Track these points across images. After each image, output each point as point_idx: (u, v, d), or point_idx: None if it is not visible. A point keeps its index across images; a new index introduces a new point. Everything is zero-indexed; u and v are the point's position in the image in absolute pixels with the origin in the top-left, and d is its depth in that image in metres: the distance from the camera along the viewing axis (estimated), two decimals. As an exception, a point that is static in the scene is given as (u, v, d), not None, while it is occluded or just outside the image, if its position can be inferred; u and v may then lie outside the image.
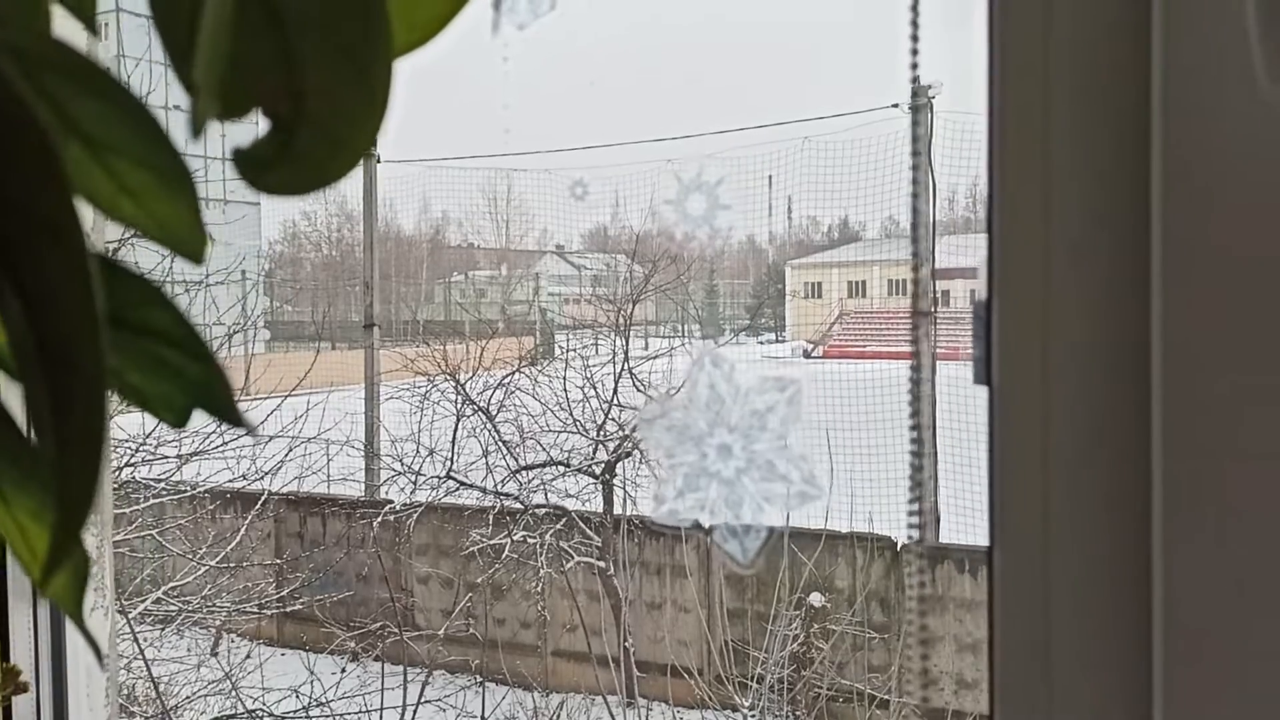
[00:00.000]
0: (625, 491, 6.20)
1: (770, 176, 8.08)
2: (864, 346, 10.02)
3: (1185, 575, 0.71)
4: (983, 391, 0.78)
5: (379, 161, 7.91)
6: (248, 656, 5.59)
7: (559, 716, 5.96)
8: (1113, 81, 0.71)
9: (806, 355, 10.44)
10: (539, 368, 6.79)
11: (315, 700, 5.28)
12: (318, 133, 0.42)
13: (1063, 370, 0.73)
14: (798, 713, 5.62)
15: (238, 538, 5.66)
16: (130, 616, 4.95)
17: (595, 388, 6.12)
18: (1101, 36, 0.71)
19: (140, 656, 4.83)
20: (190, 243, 0.44)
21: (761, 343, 10.60)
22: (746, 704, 5.61)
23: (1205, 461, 0.71)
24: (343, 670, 6.06)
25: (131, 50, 6.67)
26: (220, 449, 5.37)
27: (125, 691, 4.91)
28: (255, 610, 5.77)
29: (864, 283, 11.20)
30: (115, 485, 5.24)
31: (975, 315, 0.79)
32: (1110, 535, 0.74)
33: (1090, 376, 0.73)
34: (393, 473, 6.84)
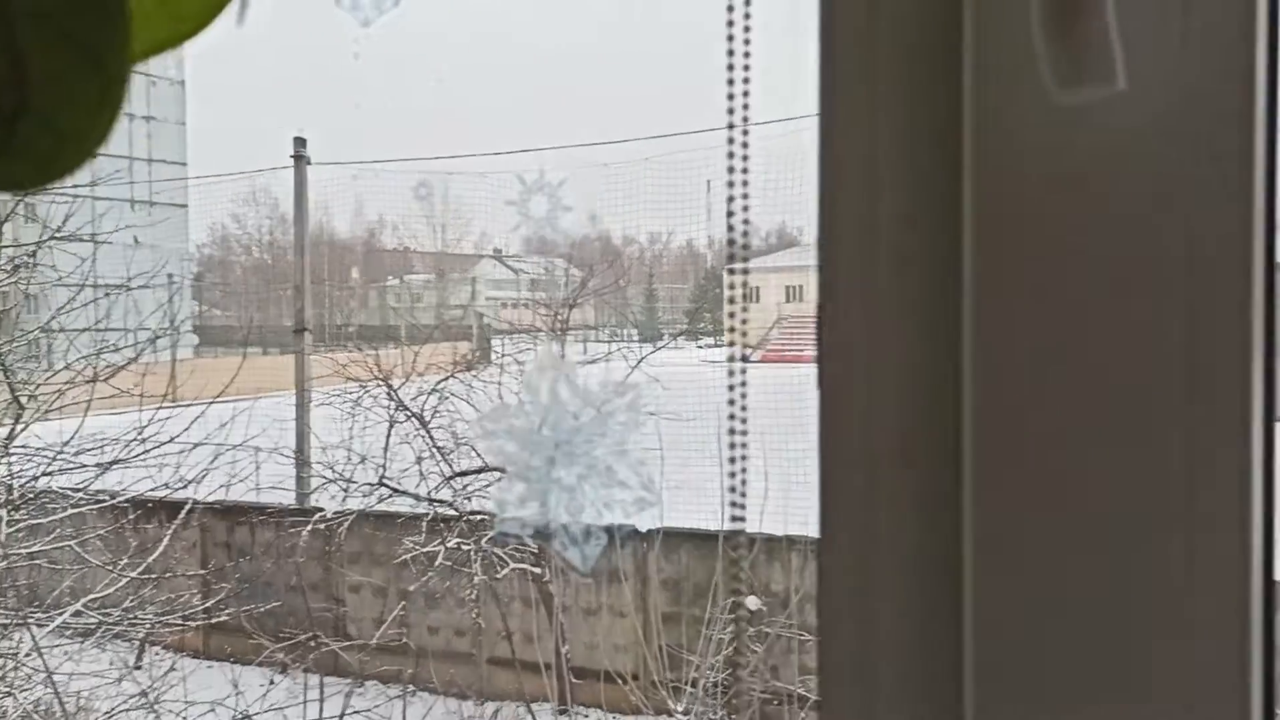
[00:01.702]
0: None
1: (709, 181, 8.09)
2: (801, 351, 10.08)
3: (992, 570, 0.74)
4: None
5: (309, 163, 7.78)
6: (171, 669, 5.45)
7: (493, 725, 5.89)
8: (931, 89, 0.73)
9: (744, 360, 10.47)
10: (474, 373, 6.73)
11: (242, 713, 5.16)
12: (43, 125, 0.40)
13: (885, 374, 0.77)
14: (732, 716, 5.62)
15: (160, 547, 5.51)
16: (41, 631, 4.80)
17: (531, 393, 6.06)
18: (921, 44, 0.74)
19: (46, 671, 4.68)
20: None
21: (700, 346, 10.62)
22: (680, 708, 5.60)
23: (1013, 462, 0.73)
24: (271, 682, 5.94)
25: None
26: (142, 457, 5.24)
27: (43, 708, 4.75)
28: (180, 622, 5.63)
29: (801, 287, 11.28)
30: (32, 495, 5.09)
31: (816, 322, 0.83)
32: (928, 533, 0.76)
33: (911, 380, 0.77)
34: (324, 480, 6.73)
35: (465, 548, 6.05)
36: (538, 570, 6.15)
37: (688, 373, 6.85)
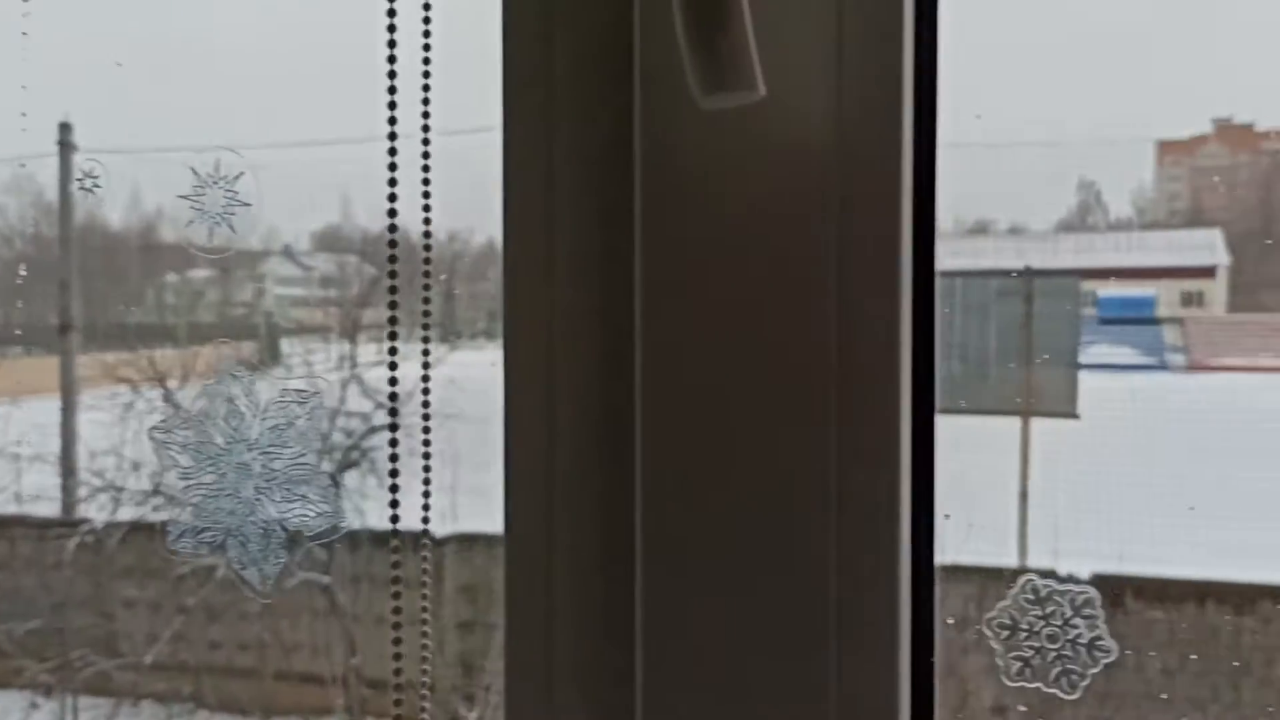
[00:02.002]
0: (352, 503, 6.00)
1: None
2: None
3: (658, 567, 0.79)
4: None
5: (76, 150, 7.29)
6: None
7: (280, 742, 5.68)
8: (606, 94, 0.78)
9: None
10: (260, 374, 6.46)
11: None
12: None
13: (565, 375, 0.82)
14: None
15: (-96, 565, 5.04)
16: None
17: (321, 395, 5.89)
18: (596, 48, 0.78)
19: None
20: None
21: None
22: (474, 715, 5.56)
23: (678, 459, 0.78)
24: (33, 705, 5.54)
25: None
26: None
27: None
28: (-73, 645, 5.17)
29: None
30: None
31: None
32: (607, 531, 0.81)
33: (591, 380, 0.81)
34: (92, 489, 6.32)
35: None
36: (326, 579, 5.97)
37: (489, 374, 6.78)
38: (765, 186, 0.75)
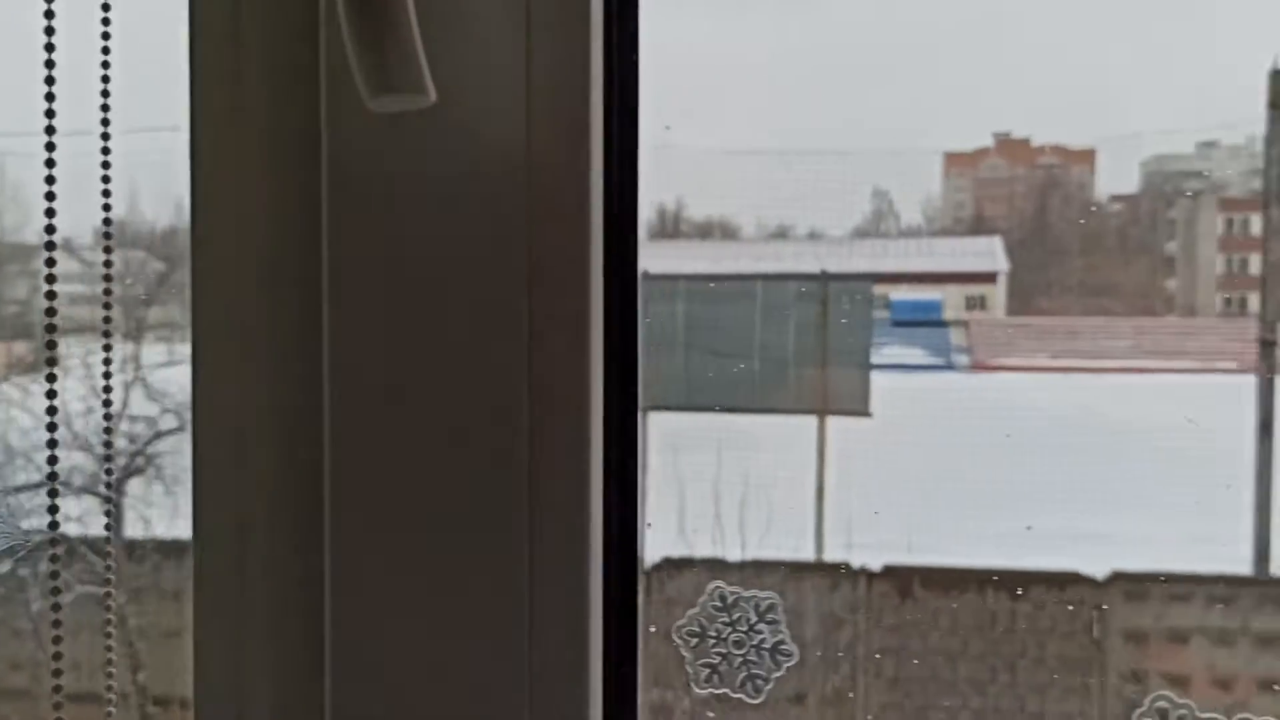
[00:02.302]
0: (137, 512, 5.70)
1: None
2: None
3: (348, 573, 0.79)
4: None
5: None
6: None
7: (58, 766, 5.33)
8: (294, 93, 0.79)
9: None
10: (32, 376, 6.06)
11: None
12: None
13: (256, 385, 0.82)
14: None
15: None
16: None
17: (102, 398, 5.57)
18: (283, 46, 0.79)
19: None
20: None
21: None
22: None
23: (367, 466, 0.79)
24: None
25: None
26: None
27: None
28: None
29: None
30: None
31: None
32: (299, 535, 0.82)
33: (281, 391, 0.82)
34: None
35: (22, 573, 5.43)
36: (109, 592, 5.63)
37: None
38: (453, 190, 0.76)
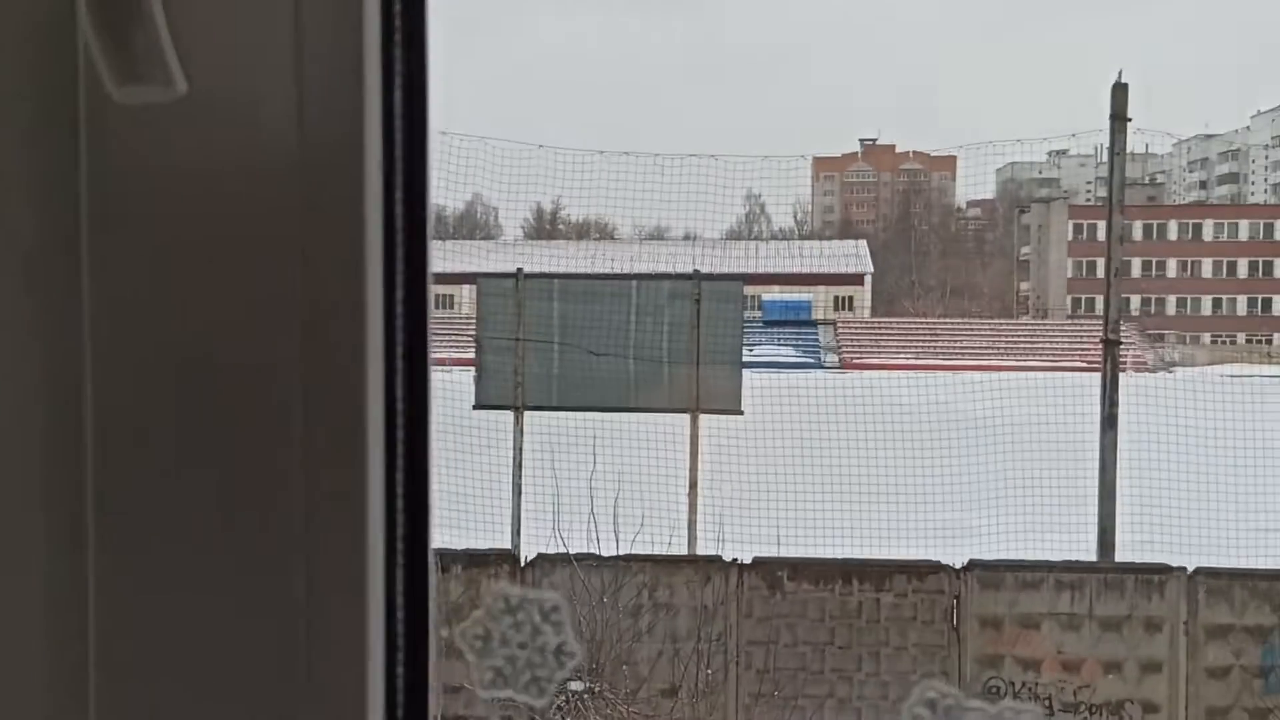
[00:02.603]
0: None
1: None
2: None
3: (113, 571, 0.74)
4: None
5: None
6: None
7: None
8: (54, 81, 0.74)
9: None
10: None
11: None
12: None
13: (13, 390, 0.75)
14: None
15: None
16: None
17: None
18: (40, 35, 0.74)
19: None
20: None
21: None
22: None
23: (134, 463, 0.74)
24: None
25: None
26: None
27: None
28: None
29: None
30: None
31: None
32: (54, 533, 0.75)
33: (44, 384, 0.75)
34: None
35: None
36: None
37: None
38: (221, 184, 0.72)
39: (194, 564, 0.73)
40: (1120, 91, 8.92)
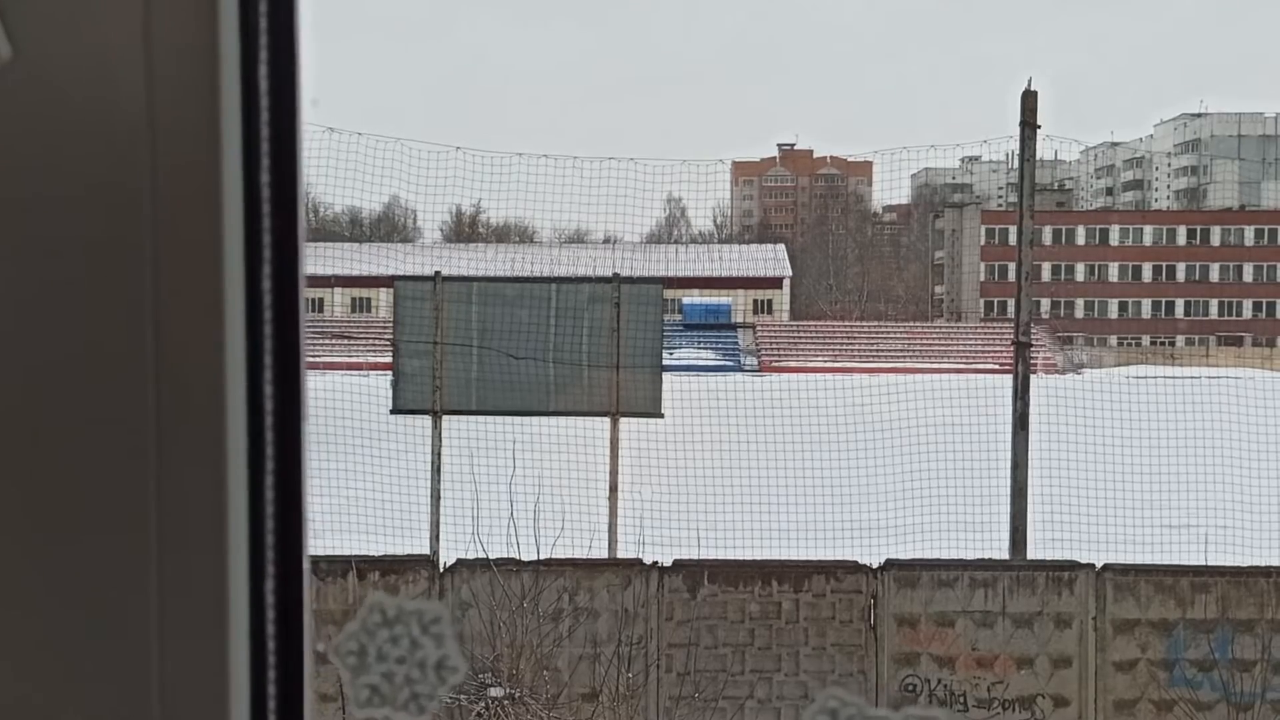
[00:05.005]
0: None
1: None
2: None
3: None
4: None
5: None
6: None
7: None
8: None
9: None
10: None
11: None
12: None
13: None
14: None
15: None
16: None
17: None
18: None
19: None
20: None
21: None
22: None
23: None
24: None
25: None
26: None
27: None
28: None
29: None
30: None
31: None
32: None
33: None
34: None
35: None
36: None
37: None
38: (56, 166, 0.66)
39: (30, 578, 0.68)
40: (1030, 98, 9.13)
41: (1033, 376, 9.14)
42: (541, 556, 7.64)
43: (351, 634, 0.68)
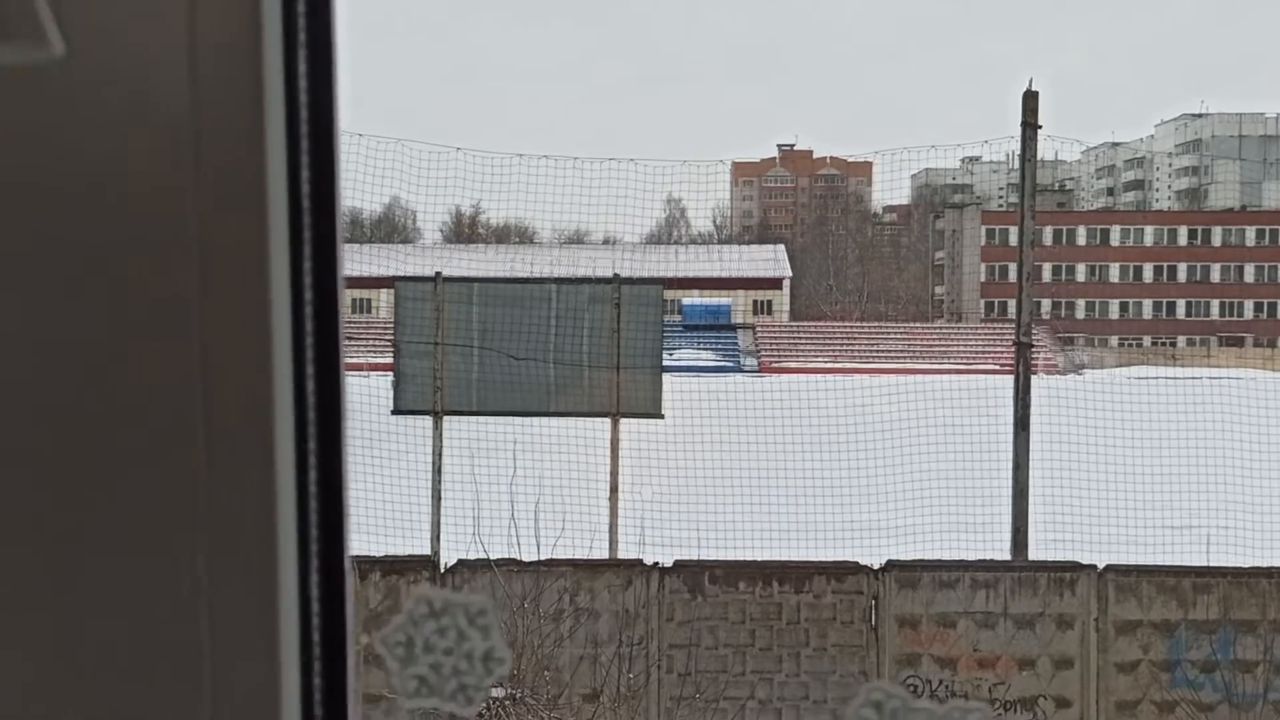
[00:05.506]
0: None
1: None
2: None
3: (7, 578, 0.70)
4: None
5: None
6: None
7: None
8: None
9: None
10: None
11: None
12: None
13: None
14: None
15: None
16: None
17: None
18: None
19: None
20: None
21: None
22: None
23: (16, 489, 0.69)
24: None
25: None
26: None
27: None
28: None
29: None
30: None
31: None
32: None
33: None
34: None
35: None
36: None
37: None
38: (103, 163, 0.65)
39: (85, 573, 0.67)
40: (1031, 99, 9.12)
41: (1034, 377, 9.13)
42: (542, 557, 7.63)
43: (399, 626, 0.68)
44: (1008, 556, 8.44)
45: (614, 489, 8.91)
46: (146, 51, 0.64)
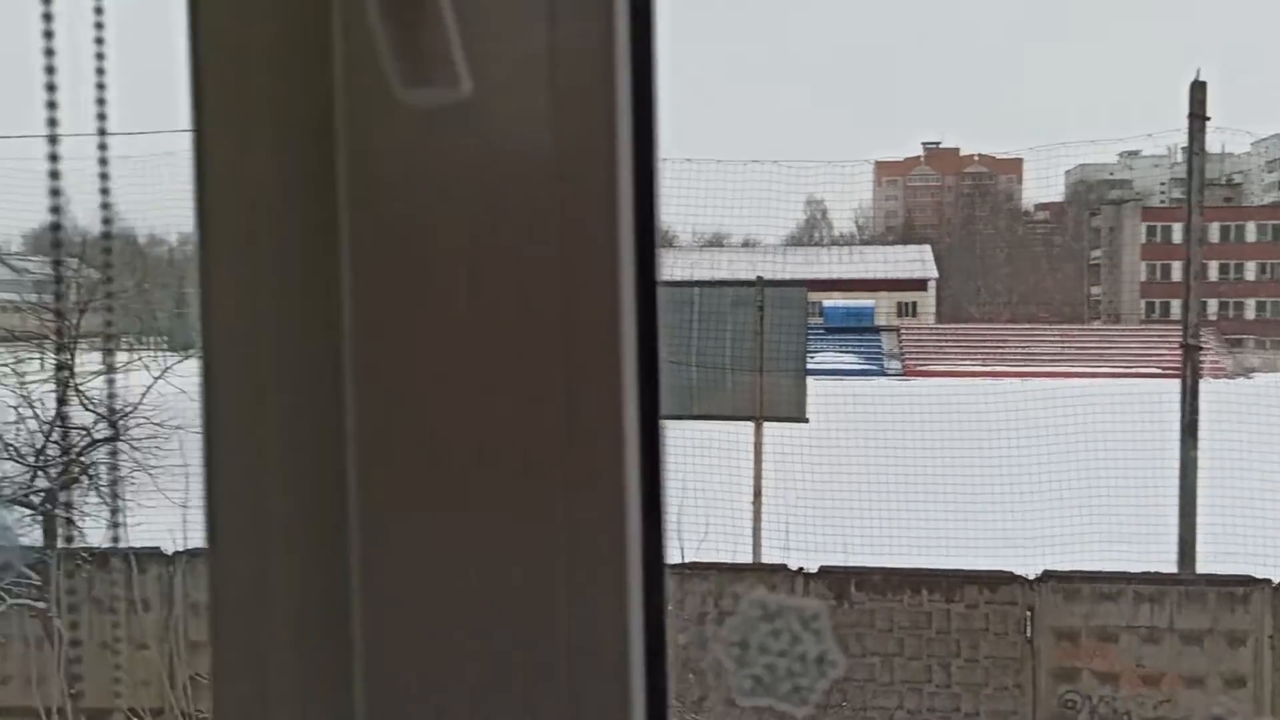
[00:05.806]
0: (70, 522, 5.58)
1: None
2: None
3: (378, 578, 0.74)
4: None
5: None
6: None
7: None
8: (305, 92, 0.74)
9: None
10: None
11: None
12: None
13: (269, 385, 0.75)
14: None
15: None
16: None
17: (34, 407, 5.45)
18: (292, 44, 0.74)
19: None
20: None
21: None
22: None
23: (395, 474, 0.73)
24: None
25: None
26: None
27: None
28: None
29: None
30: None
31: None
32: (318, 536, 0.76)
33: (296, 390, 0.76)
34: None
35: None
36: (41, 605, 5.51)
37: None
38: (480, 192, 0.71)
39: (456, 578, 0.72)
40: (1199, 89, 8.71)
41: (1200, 381, 8.71)
42: (686, 560, 7.64)
43: (734, 626, 0.73)
44: (1174, 569, 8.06)
45: (757, 493, 8.85)
46: (514, 91, 0.70)
